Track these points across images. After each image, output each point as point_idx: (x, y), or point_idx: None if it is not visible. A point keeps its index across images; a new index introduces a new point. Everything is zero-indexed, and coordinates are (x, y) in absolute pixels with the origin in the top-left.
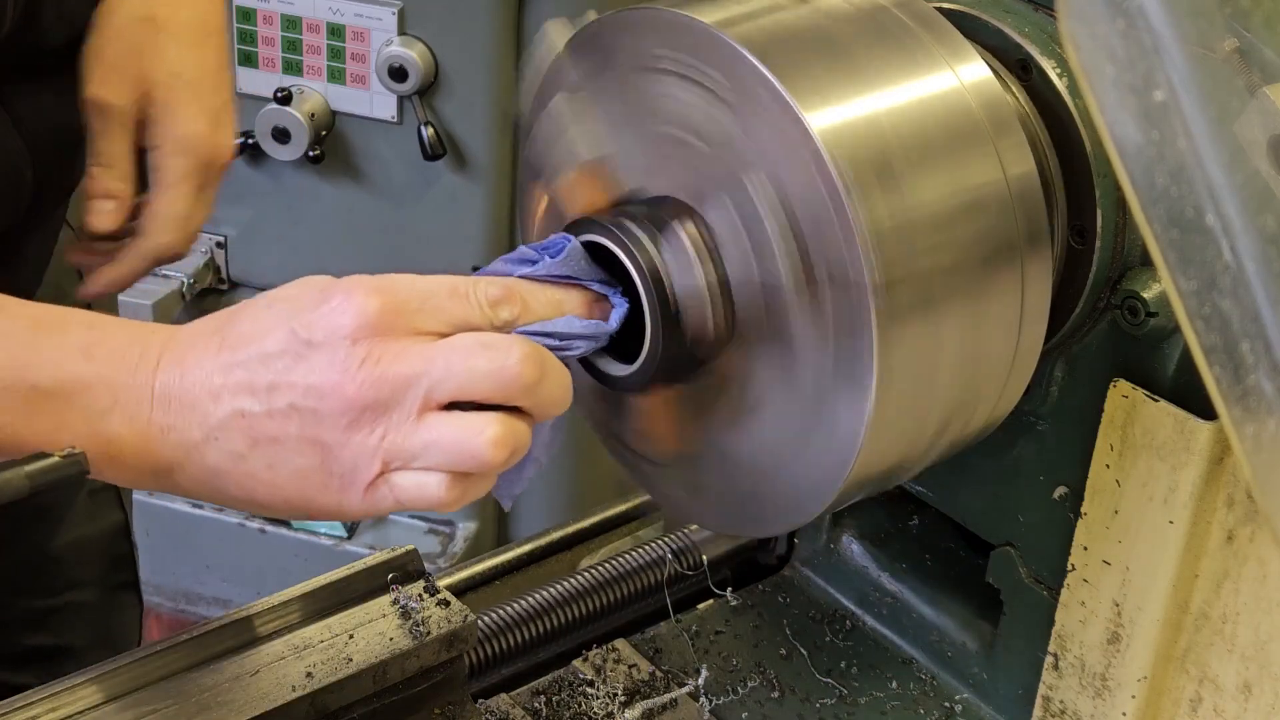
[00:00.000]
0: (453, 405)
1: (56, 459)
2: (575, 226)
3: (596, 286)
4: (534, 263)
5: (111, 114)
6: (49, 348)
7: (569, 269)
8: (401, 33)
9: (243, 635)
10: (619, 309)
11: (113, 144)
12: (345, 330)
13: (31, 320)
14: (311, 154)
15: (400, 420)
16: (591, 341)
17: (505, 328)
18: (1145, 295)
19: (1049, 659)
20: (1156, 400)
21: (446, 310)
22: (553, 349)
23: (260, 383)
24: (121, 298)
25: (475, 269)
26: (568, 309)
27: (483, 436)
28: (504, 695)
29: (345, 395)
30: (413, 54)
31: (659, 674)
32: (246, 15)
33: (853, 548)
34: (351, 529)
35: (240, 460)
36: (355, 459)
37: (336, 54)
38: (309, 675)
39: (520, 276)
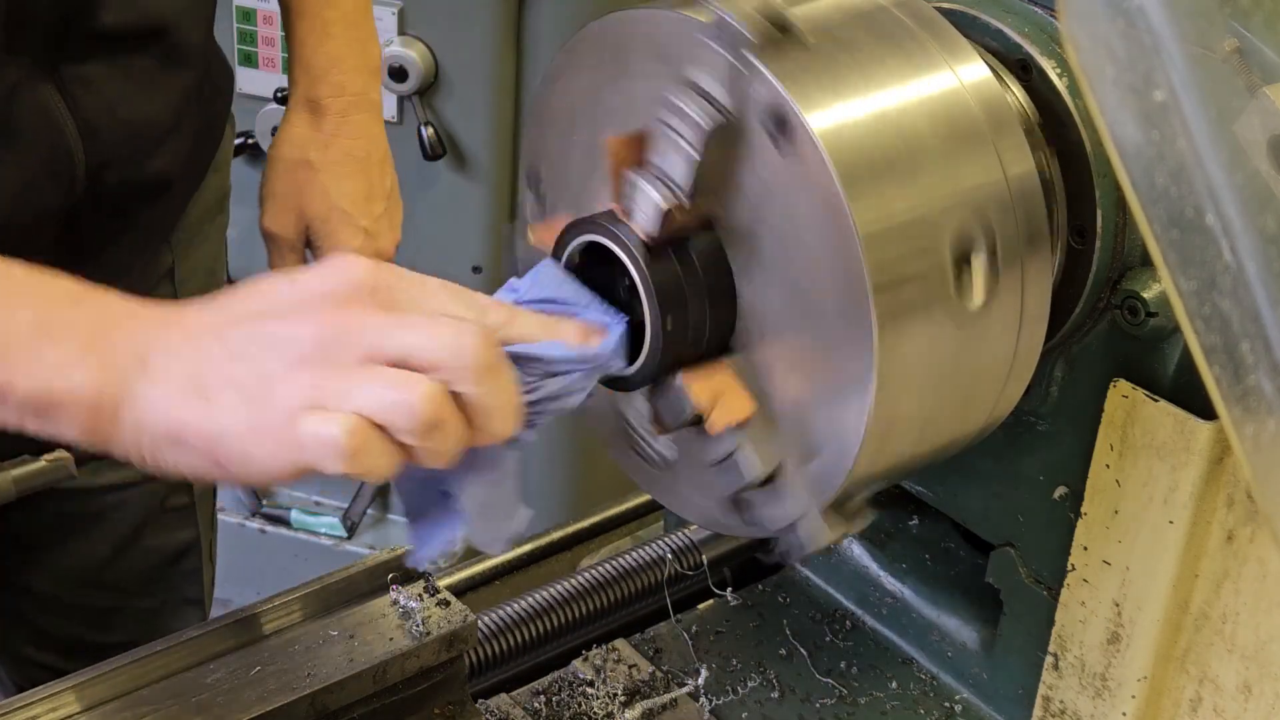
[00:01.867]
0: None
1: (43, 464)
2: (575, 227)
3: (593, 316)
4: (517, 290)
5: (282, 242)
6: (40, 287)
7: (549, 290)
8: (401, 33)
9: (243, 635)
10: (614, 333)
11: (285, 266)
12: (329, 284)
13: (25, 265)
14: None
15: (346, 361)
16: (582, 367)
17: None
18: (1145, 295)
19: (1049, 659)
20: (1156, 400)
21: (437, 297)
22: (540, 375)
23: (231, 326)
24: None
25: (476, 269)
26: (559, 333)
27: (418, 389)
28: (504, 695)
29: (299, 334)
30: (413, 54)
31: (659, 674)
32: (246, 15)
33: (853, 548)
34: (351, 529)
35: (189, 384)
36: (290, 393)
37: None
38: (309, 675)
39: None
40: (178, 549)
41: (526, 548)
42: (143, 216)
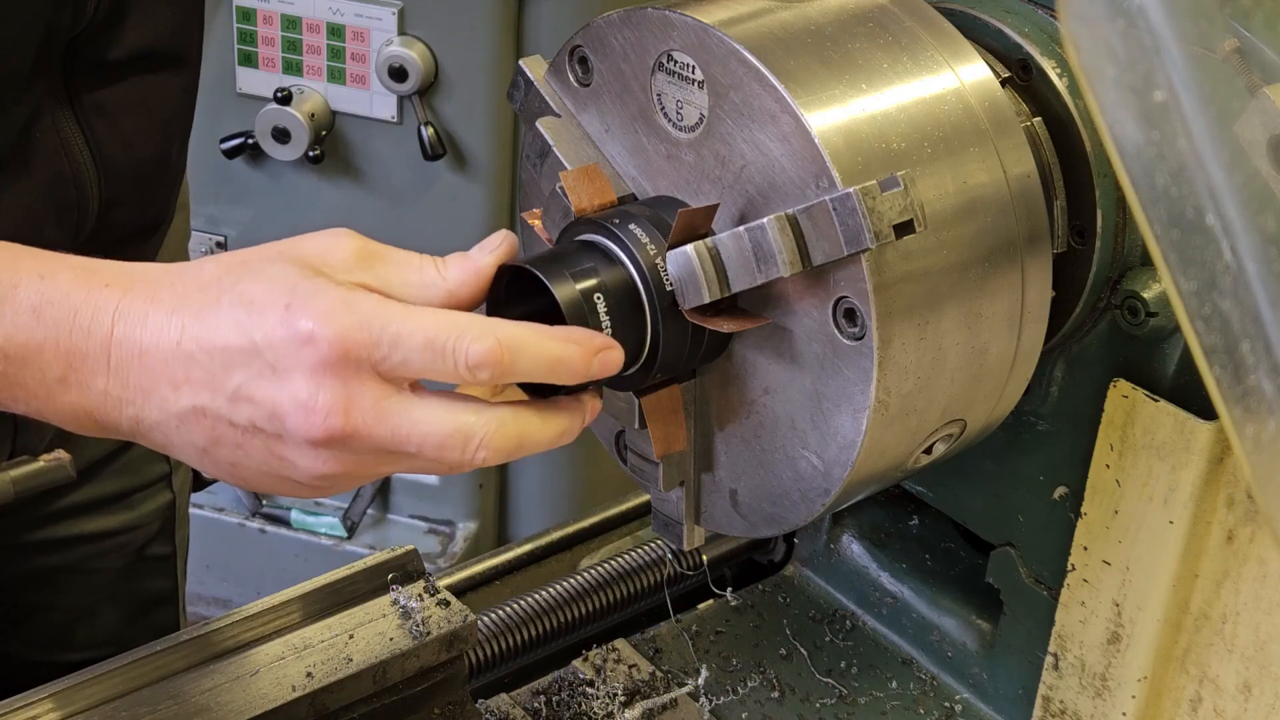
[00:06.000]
0: None
1: (41, 464)
2: (574, 227)
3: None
4: None
5: None
6: (1, 307)
7: None
8: (401, 33)
9: (243, 635)
10: None
11: None
12: (307, 365)
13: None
14: (311, 154)
15: (372, 460)
16: None
17: (483, 385)
18: (1145, 295)
19: (1049, 659)
20: (1156, 400)
21: (414, 365)
22: None
23: (221, 386)
24: None
25: None
26: (564, 366)
27: (445, 466)
28: (504, 695)
29: (311, 436)
30: (413, 54)
31: (659, 674)
32: (246, 15)
33: (853, 548)
34: (351, 529)
35: (203, 453)
36: (326, 481)
37: (336, 54)
38: (309, 675)
39: None
40: (154, 597)
41: (526, 548)
42: (129, 260)
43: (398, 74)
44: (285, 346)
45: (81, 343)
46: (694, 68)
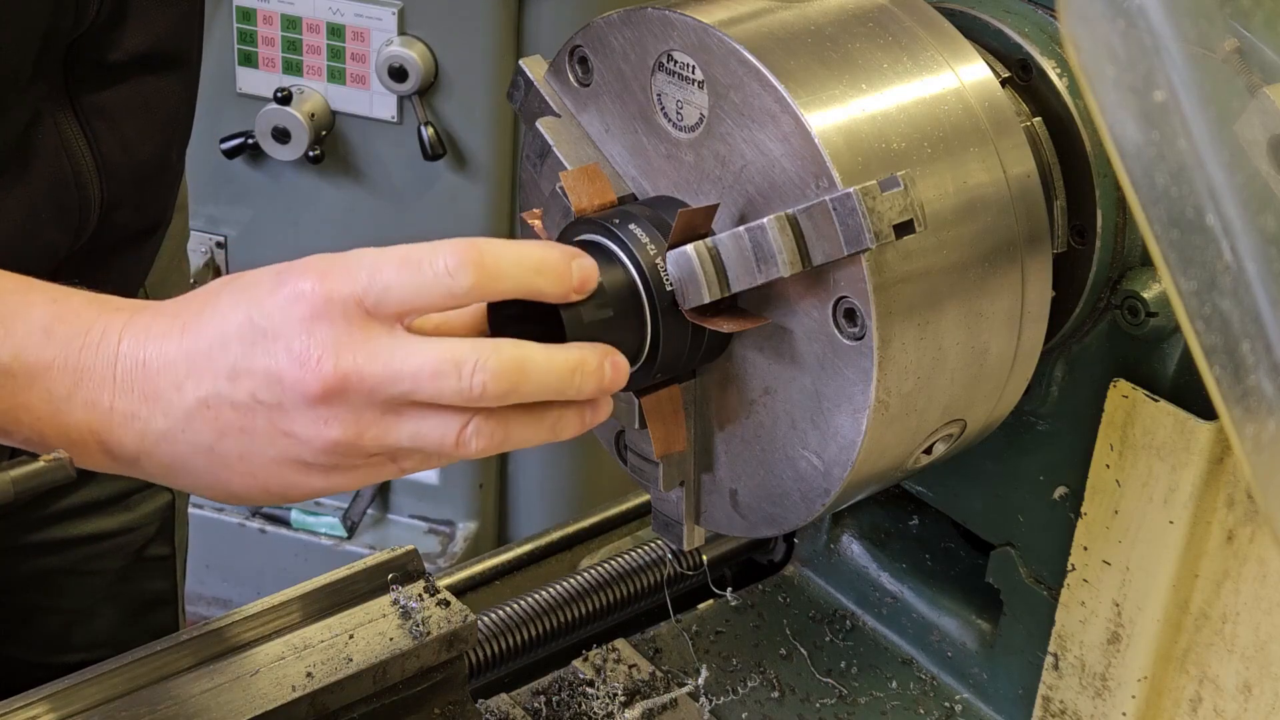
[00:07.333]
0: None
1: (41, 464)
2: (574, 227)
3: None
4: None
5: None
6: (11, 323)
7: None
8: (401, 33)
9: (243, 635)
10: None
11: None
12: (296, 319)
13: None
14: (311, 154)
15: (375, 418)
16: None
17: (470, 298)
18: (1145, 295)
19: (1049, 659)
20: (1156, 400)
21: (395, 287)
22: None
23: (220, 368)
24: None
25: None
26: (546, 271)
27: (462, 434)
28: (504, 695)
29: (308, 391)
30: (413, 54)
31: (659, 674)
32: (246, 15)
33: (853, 548)
34: (351, 529)
35: (209, 452)
36: (336, 453)
37: (336, 54)
38: (309, 675)
39: None
40: (153, 598)
41: (526, 548)
42: (128, 262)
43: (398, 74)
44: (277, 309)
45: (90, 359)
46: (694, 68)
